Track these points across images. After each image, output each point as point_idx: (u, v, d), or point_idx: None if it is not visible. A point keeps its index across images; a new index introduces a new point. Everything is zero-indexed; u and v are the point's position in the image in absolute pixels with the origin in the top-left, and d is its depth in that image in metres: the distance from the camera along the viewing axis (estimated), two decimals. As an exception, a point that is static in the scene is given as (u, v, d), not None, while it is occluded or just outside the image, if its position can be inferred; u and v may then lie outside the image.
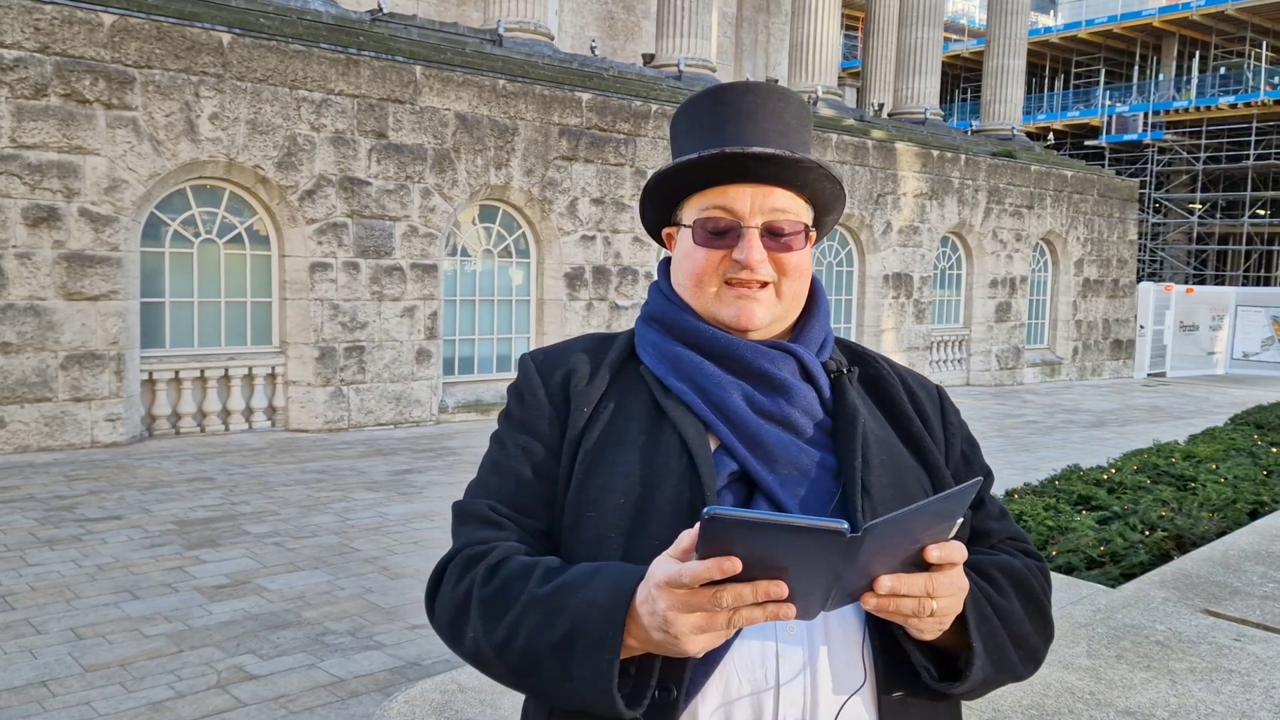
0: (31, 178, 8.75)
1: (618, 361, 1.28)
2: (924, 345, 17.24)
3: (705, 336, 1.23)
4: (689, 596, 0.94)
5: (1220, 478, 5.81)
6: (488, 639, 1.10)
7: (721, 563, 0.91)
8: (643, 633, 0.99)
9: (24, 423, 8.79)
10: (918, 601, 1.00)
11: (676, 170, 1.23)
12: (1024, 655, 1.18)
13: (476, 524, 1.20)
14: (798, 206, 1.24)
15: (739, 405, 1.20)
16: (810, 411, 1.22)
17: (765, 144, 1.21)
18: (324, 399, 10.54)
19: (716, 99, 1.25)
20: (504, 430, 1.28)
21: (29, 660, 4.26)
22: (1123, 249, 21.53)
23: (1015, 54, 20.76)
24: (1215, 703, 2.54)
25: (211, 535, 6.33)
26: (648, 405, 1.23)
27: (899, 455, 1.24)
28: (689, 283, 1.25)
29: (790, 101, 1.26)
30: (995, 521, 1.31)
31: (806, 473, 1.18)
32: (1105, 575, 4.09)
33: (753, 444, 1.18)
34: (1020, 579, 1.21)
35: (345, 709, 3.88)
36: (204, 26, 9.66)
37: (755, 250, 1.20)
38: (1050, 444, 11.56)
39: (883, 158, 16.31)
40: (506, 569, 1.12)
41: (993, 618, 1.14)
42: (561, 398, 1.25)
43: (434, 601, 1.19)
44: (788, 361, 1.24)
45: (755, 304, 1.22)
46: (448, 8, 19.01)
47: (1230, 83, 31.65)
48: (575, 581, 1.06)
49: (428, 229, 11.23)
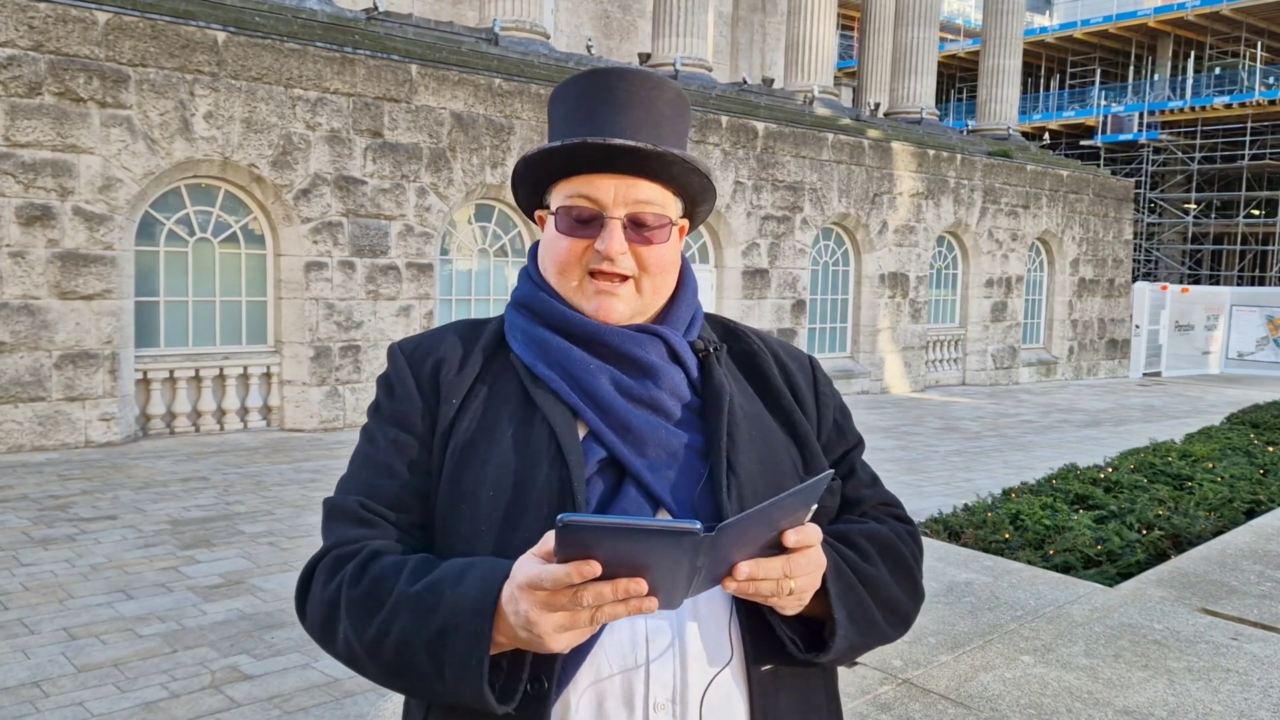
0: (25, 176, 8.72)
1: (488, 349, 1.27)
2: (920, 345, 17.25)
3: (573, 323, 1.23)
4: (550, 598, 0.94)
5: (1217, 477, 5.81)
6: (359, 639, 1.09)
7: (580, 566, 0.92)
8: (510, 630, 1.00)
9: (17, 422, 8.76)
10: (776, 583, 1.02)
11: (542, 156, 1.21)
12: (893, 619, 1.21)
13: (346, 522, 1.19)
14: (664, 198, 1.23)
15: (607, 390, 1.19)
16: (678, 393, 1.22)
17: (636, 133, 1.19)
18: (319, 398, 10.52)
19: (590, 85, 1.24)
20: (374, 424, 1.26)
21: (22, 660, 4.24)
22: (1118, 249, 21.56)
23: (1011, 54, 20.78)
24: (1213, 701, 2.53)
25: (206, 535, 6.31)
26: (518, 393, 1.22)
27: (769, 430, 1.25)
28: (553, 269, 1.25)
29: (665, 90, 1.24)
30: (867, 489, 1.33)
31: (675, 455, 1.18)
32: (1102, 574, 4.08)
33: (621, 429, 1.18)
34: (888, 545, 1.23)
35: (340, 709, 3.86)
36: (199, 25, 9.63)
37: (616, 242, 1.19)
38: (1046, 443, 11.57)
39: (878, 157, 16.31)
40: (375, 568, 1.11)
41: (858, 586, 1.16)
42: (431, 388, 1.24)
43: (304, 602, 1.17)
44: (655, 344, 1.23)
45: (615, 299, 1.21)
46: (443, 6, 18.99)
47: (1225, 83, 31.71)
48: (444, 579, 1.06)
49: (423, 228, 11.21)
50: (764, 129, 14.59)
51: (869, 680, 2.69)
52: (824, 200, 15.51)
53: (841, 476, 1.32)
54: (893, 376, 16.76)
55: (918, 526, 1.34)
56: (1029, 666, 2.74)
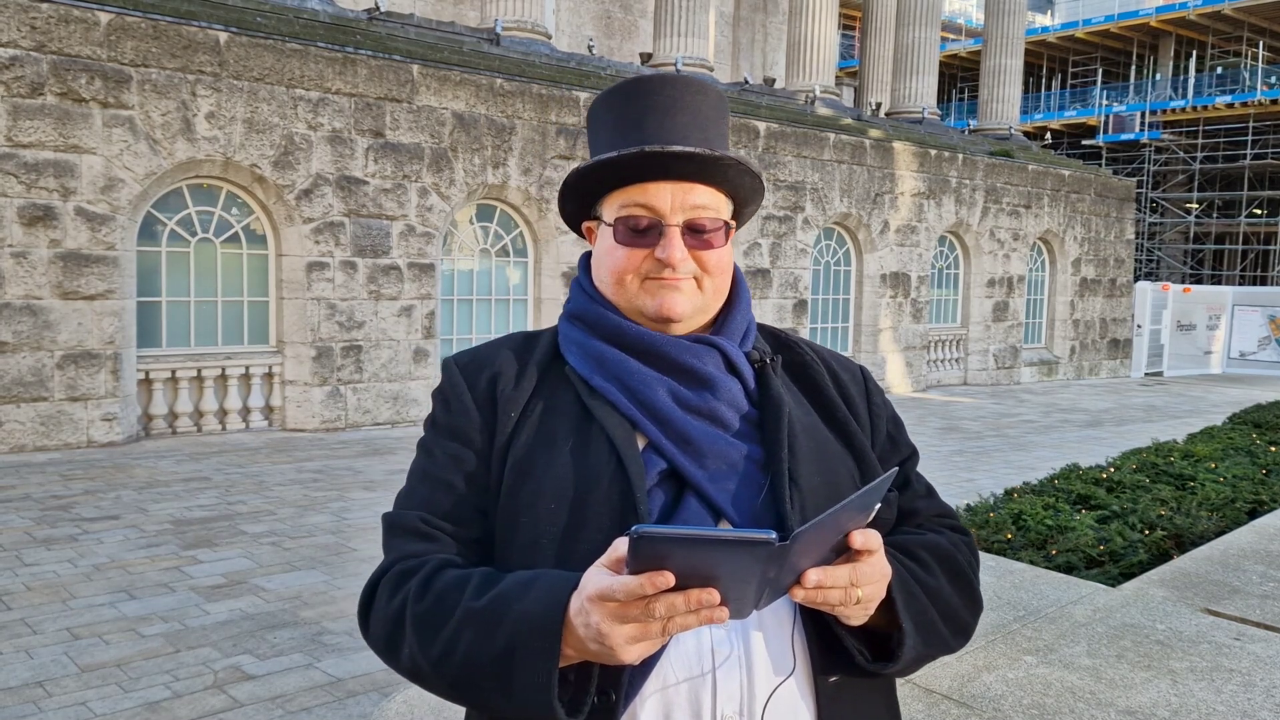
0: (28, 177, 8.72)
1: (543, 362, 1.27)
2: (921, 345, 17.25)
3: (629, 334, 1.23)
4: (622, 609, 0.94)
5: (1219, 477, 5.80)
6: (424, 655, 1.09)
7: (653, 578, 0.91)
8: (579, 642, 0.99)
9: (20, 422, 8.76)
10: (844, 591, 1.02)
11: (596, 167, 1.21)
12: (953, 628, 1.21)
13: (408, 537, 1.19)
14: (718, 202, 1.24)
15: (665, 402, 1.19)
16: (736, 404, 1.23)
17: (684, 139, 1.20)
18: (321, 398, 10.52)
19: (634, 92, 1.24)
20: (431, 438, 1.26)
21: (25, 660, 4.25)
22: (1120, 248, 21.55)
23: (1012, 54, 20.77)
24: (1216, 702, 2.53)
25: (208, 535, 6.31)
26: (575, 406, 1.22)
27: (825, 441, 1.25)
28: (610, 280, 1.25)
29: (708, 94, 1.25)
30: (922, 500, 1.32)
31: (735, 466, 1.18)
32: (1105, 574, 4.08)
33: (681, 441, 1.18)
34: (946, 556, 1.24)
35: (343, 709, 3.86)
36: (201, 25, 9.64)
37: (677, 249, 1.20)
38: (1047, 443, 11.57)
39: (880, 157, 16.30)
40: (440, 583, 1.11)
41: (921, 596, 1.16)
42: (488, 402, 1.24)
43: (368, 619, 1.17)
44: (712, 355, 1.23)
45: (677, 293, 1.21)
46: (445, 7, 18.99)
47: (1227, 82, 31.68)
48: (510, 593, 1.06)
49: (425, 228, 11.22)
50: (765, 129, 14.59)
51: (871, 680, 2.68)
52: (825, 200, 15.51)
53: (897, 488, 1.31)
54: (894, 376, 16.75)
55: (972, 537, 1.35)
56: (1031, 667, 2.74)
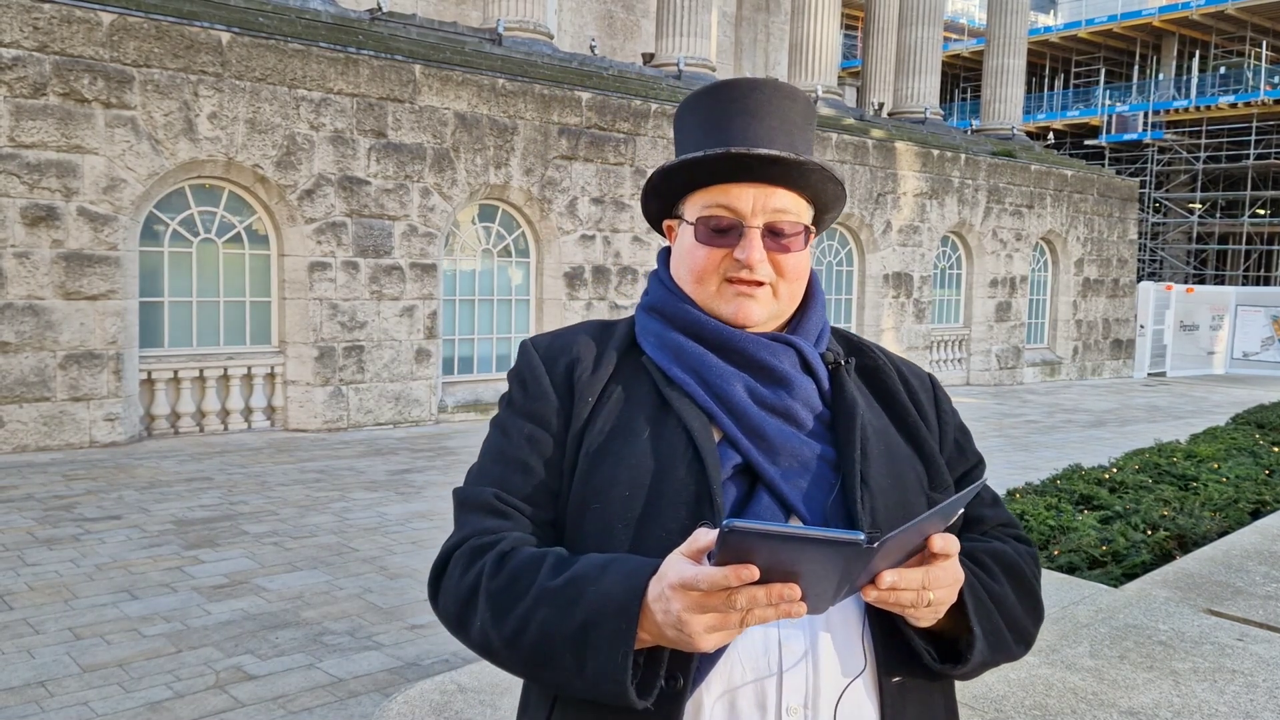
0: (30, 177, 8.73)
1: (620, 350, 1.28)
2: (924, 345, 17.23)
3: (707, 328, 1.24)
4: (703, 599, 0.95)
5: (1222, 477, 5.80)
6: (497, 630, 1.09)
7: (739, 570, 0.92)
8: (655, 628, 1.01)
9: (22, 422, 8.77)
10: (916, 594, 1.03)
11: (681, 166, 1.23)
12: (1017, 637, 1.22)
13: (482, 513, 1.19)
14: (799, 207, 1.25)
15: (741, 397, 1.21)
16: (810, 404, 1.24)
17: (770, 142, 1.21)
18: (323, 399, 10.53)
19: (723, 94, 1.25)
20: (506, 418, 1.27)
21: (27, 660, 4.25)
22: (1123, 248, 21.52)
23: (1015, 53, 20.75)
24: (1219, 703, 2.52)
25: (210, 535, 6.31)
26: (651, 396, 1.23)
27: (896, 445, 1.26)
28: (690, 278, 1.26)
29: (797, 99, 1.26)
30: (988, 509, 1.33)
31: (807, 465, 1.19)
32: (1107, 575, 4.07)
33: (755, 436, 1.19)
34: (1012, 565, 1.25)
35: (344, 709, 3.86)
36: (203, 25, 9.65)
37: (756, 250, 1.21)
38: (1050, 444, 11.55)
39: (882, 157, 16.30)
40: (515, 560, 1.11)
41: (988, 602, 1.18)
42: (565, 387, 1.25)
43: (438, 590, 1.18)
44: (788, 354, 1.25)
45: (753, 302, 1.23)
46: (447, 7, 19.00)
47: (1230, 82, 31.64)
48: (587, 574, 1.06)
49: (427, 228, 11.22)
50: (768, 129, 14.57)
51: (873, 681, 2.68)
52: (828, 200, 15.49)
53: None
54: (897, 376, 16.73)
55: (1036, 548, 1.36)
56: (1034, 667, 2.74)
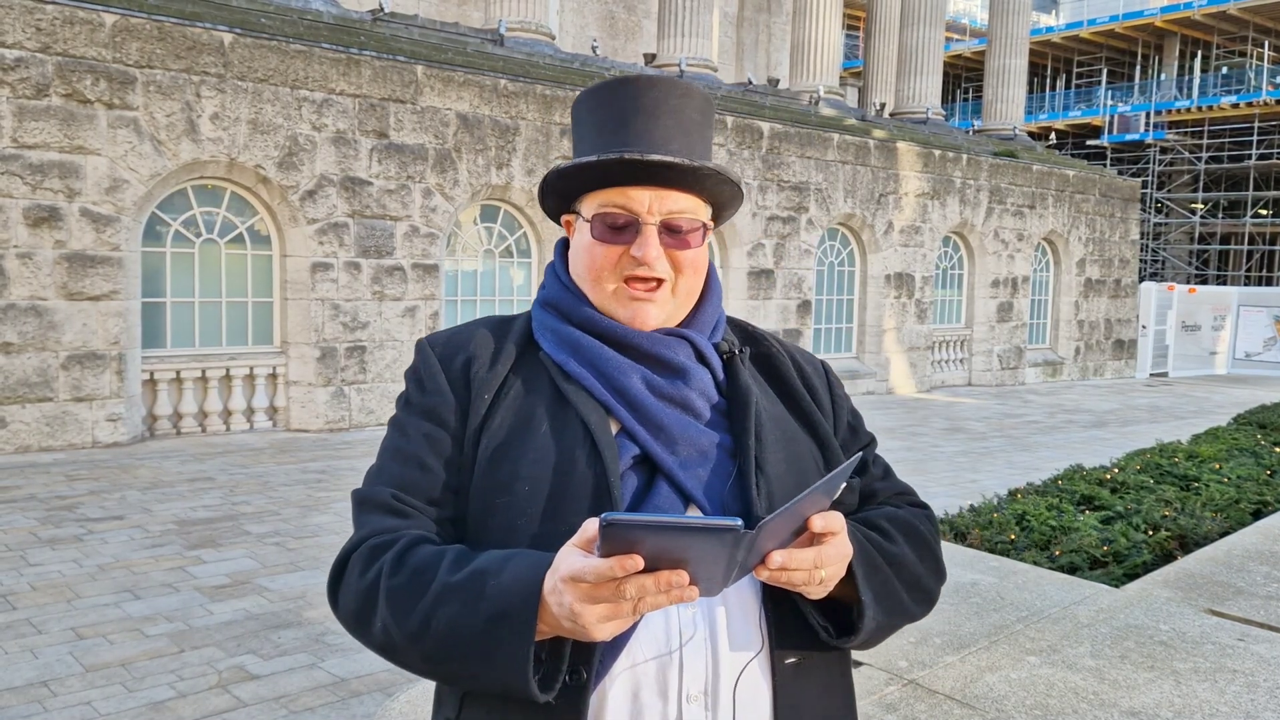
0: (33, 178, 8.75)
1: (517, 346, 1.29)
2: (925, 345, 17.23)
3: (601, 325, 1.25)
4: (593, 590, 0.96)
5: (1223, 478, 5.80)
6: (399, 627, 1.10)
7: (623, 561, 0.93)
8: (553, 620, 1.02)
9: (25, 423, 8.79)
10: (808, 573, 1.05)
11: (577, 169, 1.23)
12: (918, 596, 1.25)
13: (380, 512, 1.19)
14: (696, 205, 1.25)
15: (638, 389, 1.22)
16: (706, 393, 1.26)
17: (667, 143, 1.22)
18: (325, 399, 10.54)
19: (619, 93, 1.25)
20: (404, 417, 1.27)
21: (30, 660, 4.26)
22: (1125, 249, 21.51)
23: (1017, 54, 20.75)
24: (1220, 703, 2.53)
25: (212, 535, 6.32)
26: (549, 390, 1.24)
27: (791, 430, 1.29)
28: (587, 275, 1.27)
29: (693, 98, 1.27)
30: (880, 482, 1.37)
31: (706, 453, 1.21)
32: (1108, 575, 4.07)
33: (653, 427, 1.21)
34: (908, 526, 1.28)
35: (346, 709, 3.87)
36: (205, 26, 9.66)
37: (652, 247, 1.22)
38: (1052, 444, 11.55)
39: (884, 157, 16.29)
40: (415, 557, 1.12)
41: (884, 567, 1.19)
42: (463, 384, 1.25)
43: (337, 591, 1.18)
44: (683, 346, 1.26)
45: (650, 305, 1.24)
46: (449, 7, 19.01)
47: (1232, 82, 31.61)
48: (488, 569, 1.07)
49: (429, 229, 11.23)
50: (769, 129, 14.59)
51: (874, 681, 2.69)
52: (829, 201, 15.50)
53: (857, 473, 1.35)
54: (898, 377, 16.74)
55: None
56: (1035, 667, 2.74)
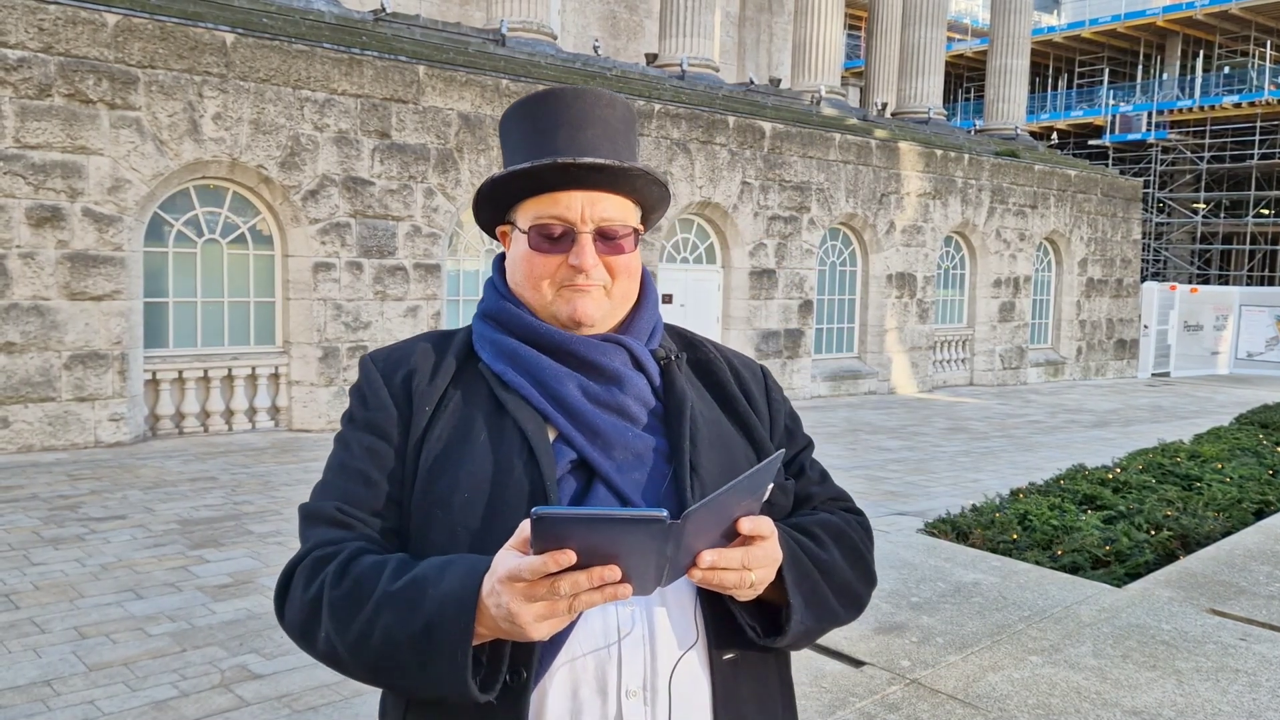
0: (35, 178, 8.76)
1: (457, 359, 1.32)
2: (927, 345, 17.22)
3: (540, 332, 1.29)
4: (529, 589, 0.99)
5: (1225, 477, 5.79)
6: (341, 638, 1.13)
7: (556, 556, 0.96)
8: (491, 622, 1.05)
9: (28, 422, 8.80)
10: (738, 574, 1.09)
11: (510, 177, 1.26)
12: (846, 601, 1.28)
13: (325, 525, 1.23)
14: (626, 210, 1.30)
15: (575, 396, 1.25)
16: (643, 399, 1.29)
17: (595, 150, 1.26)
18: (327, 399, 10.54)
19: (546, 105, 1.29)
20: (348, 432, 1.30)
21: (33, 659, 4.26)
22: (1126, 249, 21.50)
23: (1019, 53, 20.74)
24: (1222, 702, 2.53)
25: (214, 535, 6.33)
26: (488, 401, 1.27)
27: (727, 433, 1.33)
28: (526, 285, 1.30)
29: (616, 107, 1.32)
30: (816, 486, 1.40)
31: (642, 457, 1.24)
32: (1110, 575, 4.07)
33: (590, 432, 1.24)
34: (839, 532, 1.31)
35: (349, 708, 3.87)
36: (207, 26, 9.67)
37: (589, 255, 1.25)
38: (1053, 444, 11.54)
39: (886, 157, 16.29)
40: (357, 568, 1.15)
41: (813, 572, 1.23)
42: (404, 398, 1.28)
43: (284, 604, 1.21)
44: (619, 353, 1.29)
45: (588, 298, 1.27)
46: (450, 7, 19.02)
47: (1234, 82, 31.58)
48: (427, 576, 1.10)
49: (431, 229, 11.24)
50: (771, 129, 14.59)
51: (877, 681, 2.69)
52: (831, 200, 15.50)
53: (793, 476, 1.39)
54: (900, 377, 16.73)
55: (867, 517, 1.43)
56: (1037, 667, 2.74)
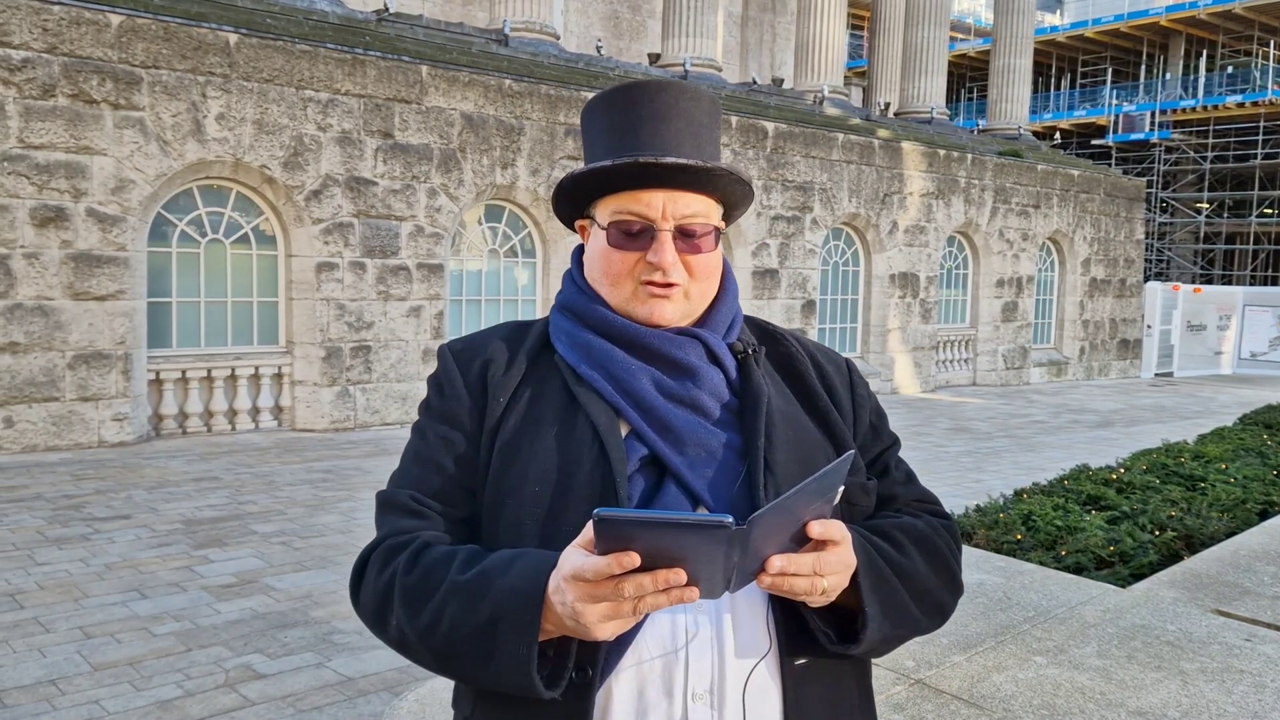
0: (39, 178, 8.77)
1: (533, 350, 1.31)
2: (930, 345, 17.21)
3: (615, 326, 1.27)
4: (593, 589, 0.98)
5: (1229, 478, 5.79)
6: (411, 626, 1.13)
7: (620, 558, 0.95)
8: (557, 619, 1.04)
9: (32, 422, 8.81)
10: (809, 580, 1.05)
11: (590, 174, 1.25)
12: (928, 609, 1.24)
13: (399, 513, 1.24)
14: (708, 208, 1.27)
15: (648, 390, 1.24)
16: (717, 393, 1.26)
17: (678, 146, 1.24)
18: (330, 399, 10.55)
19: (630, 98, 1.27)
20: (425, 421, 1.31)
21: (38, 659, 4.27)
22: (1129, 248, 21.48)
23: (1022, 53, 20.72)
24: (1227, 703, 2.53)
25: (218, 535, 6.34)
26: (561, 393, 1.26)
27: (805, 430, 1.29)
28: (605, 280, 1.29)
29: (701, 100, 1.29)
30: (901, 486, 1.36)
31: (714, 454, 1.22)
32: (1115, 575, 4.07)
33: (661, 428, 1.22)
34: (921, 536, 1.26)
35: (353, 708, 3.88)
36: (210, 27, 9.68)
37: (668, 253, 1.23)
38: (1057, 444, 11.53)
39: (888, 157, 16.28)
40: (428, 558, 1.16)
41: (891, 578, 1.18)
42: (479, 388, 1.28)
43: (358, 591, 1.22)
44: (694, 346, 1.27)
45: (667, 303, 1.26)
46: (453, 7, 19.03)
47: (1237, 82, 31.54)
48: (495, 569, 1.10)
49: (434, 229, 11.24)
50: (774, 129, 14.58)
51: (881, 681, 2.69)
52: (834, 200, 15.50)
53: (877, 475, 1.35)
54: (903, 377, 16.72)
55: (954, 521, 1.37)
56: (1042, 667, 2.74)
